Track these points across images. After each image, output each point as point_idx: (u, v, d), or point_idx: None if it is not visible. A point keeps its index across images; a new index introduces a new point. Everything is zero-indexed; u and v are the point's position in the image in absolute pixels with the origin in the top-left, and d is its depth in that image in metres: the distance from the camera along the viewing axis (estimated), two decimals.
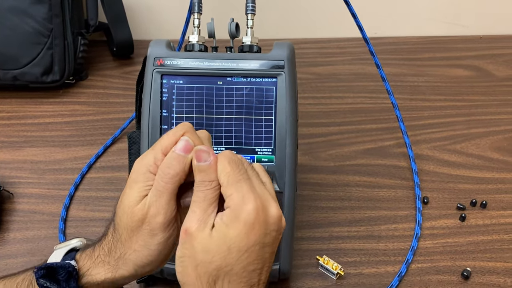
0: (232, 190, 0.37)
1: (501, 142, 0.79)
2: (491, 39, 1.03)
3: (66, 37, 0.87)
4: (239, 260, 0.37)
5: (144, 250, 0.41)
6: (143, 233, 0.40)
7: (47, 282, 0.41)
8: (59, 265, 0.42)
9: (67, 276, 0.41)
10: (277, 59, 0.56)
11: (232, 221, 0.37)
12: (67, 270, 0.41)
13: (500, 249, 0.63)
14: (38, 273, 0.41)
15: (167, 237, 0.40)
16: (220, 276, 0.37)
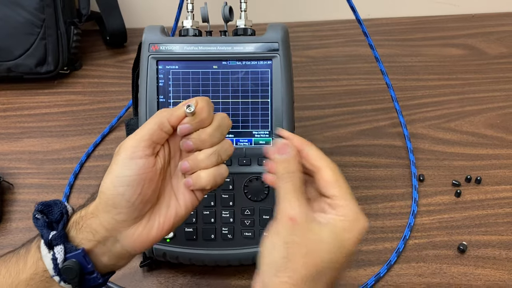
0: (346, 203, 0.40)
1: (495, 119, 0.80)
2: (483, 17, 1.03)
3: (58, 27, 0.87)
4: (344, 263, 0.39)
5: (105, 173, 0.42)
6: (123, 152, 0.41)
7: (38, 214, 0.42)
8: (55, 202, 0.43)
9: (59, 215, 0.42)
10: (272, 41, 0.57)
11: (348, 228, 0.39)
12: (59, 208, 0.43)
13: (494, 223, 0.65)
14: (37, 207, 0.43)
15: (127, 163, 0.41)
16: (325, 268, 0.38)
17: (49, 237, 0.41)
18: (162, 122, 0.42)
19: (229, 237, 0.58)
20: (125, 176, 0.41)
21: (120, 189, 0.41)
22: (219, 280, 0.60)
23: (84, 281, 0.42)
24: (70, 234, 0.42)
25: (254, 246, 0.58)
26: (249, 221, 0.58)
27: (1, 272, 0.42)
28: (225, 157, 0.45)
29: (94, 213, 0.42)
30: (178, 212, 0.44)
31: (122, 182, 0.41)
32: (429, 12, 1.05)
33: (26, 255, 0.42)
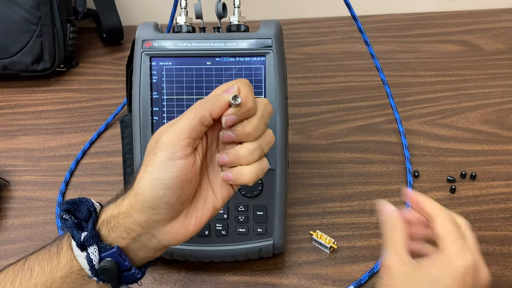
0: (449, 241, 0.40)
1: (490, 115, 0.80)
2: (480, 14, 1.03)
3: (55, 24, 0.87)
4: None
5: (141, 172, 0.39)
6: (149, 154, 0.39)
7: (66, 214, 0.40)
8: (81, 200, 0.41)
9: (87, 214, 0.40)
10: (265, 37, 0.57)
11: (442, 263, 0.39)
12: (87, 206, 0.40)
13: (489, 219, 0.65)
14: (62, 206, 0.41)
15: (166, 165, 0.38)
16: None
17: (81, 239, 0.39)
18: (204, 115, 0.39)
19: (223, 233, 0.58)
20: (164, 179, 0.38)
21: (159, 192, 0.38)
22: (213, 276, 0.60)
23: (123, 278, 0.41)
24: (101, 233, 0.40)
25: (248, 242, 0.58)
26: (243, 217, 0.58)
27: (35, 269, 0.41)
28: (267, 150, 0.42)
29: (128, 213, 0.40)
30: (215, 205, 0.42)
31: (161, 185, 0.38)
32: (426, 9, 1.04)
33: (59, 254, 0.41)
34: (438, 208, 0.43)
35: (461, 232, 0.42)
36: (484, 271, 0.41)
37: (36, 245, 0.64)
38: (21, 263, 0.42)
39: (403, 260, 0.41)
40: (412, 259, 0.41)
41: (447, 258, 0.39)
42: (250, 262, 0.61)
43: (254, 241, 0.58)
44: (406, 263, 0.41)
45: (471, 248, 0.41)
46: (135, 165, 0.59)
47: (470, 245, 0.42)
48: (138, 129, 0.58)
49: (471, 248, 0.41)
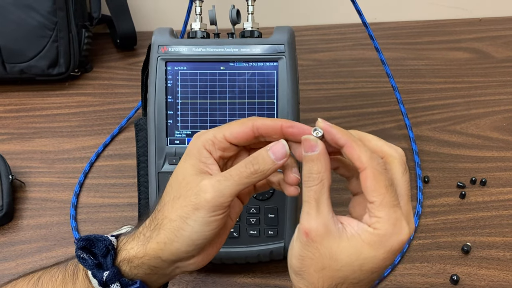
0: (382, 214, 0.35)
1: (501, 122, 0.80)
2: (491, 21, 1.03)
3: (70, 30, 0.89)
4: (367, 278, 0.36)
5: (179, 222, 0.38)
6: (186, 203, 0.38)
7: (84, 253, 0.40)
8: (97, 237, 0.40)
9: (105, 250, 0.39)
10: (278, 43, 0.58)
11: (375, 244, 0.35)
12: (104, 243, 0.40)
13: (499, 225, 0.65)
14: (78, 243, 0.40)
15: (208, 221, 0.38)
16: (344, 283, 0.36)
17: (103, 279, 0.39)
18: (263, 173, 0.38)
19: (235, 235, 0.59)
20: (205, 232, 0.38)
21: (198, 242, 0.38)
22: (224, 277, 0.61)
23: None
24: (122, 268, 0.40)
25: (259, 245, 0.59)
26: (254, 220, 0.58)
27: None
28: None
29: (156, 256, 0.39)
30: (230, 226, 0.42)
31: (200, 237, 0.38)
32: (436, 16, 1.05)
33: (74, 281, 0.40)
34: (369, 159, 0.35)
35: (395, 190, 0.36)
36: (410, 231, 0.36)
37: (50, 245, 0.65)
38: (34, 281, 0.42)
39: (329, 227, 0.35)
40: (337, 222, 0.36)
41: (381, 238, 0.35)
42: (261, 264, 0.62)
43: (265, 244, 0.59)
44: (331, 233, 0.35)
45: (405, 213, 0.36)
46: (149, 170, 0.60)
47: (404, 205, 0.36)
48: (153, 132, 0.59)
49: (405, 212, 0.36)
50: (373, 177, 0.35)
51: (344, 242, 0.35)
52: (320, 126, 0.37)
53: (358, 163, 0.36)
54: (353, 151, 0.36)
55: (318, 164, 0.36)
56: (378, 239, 0.35)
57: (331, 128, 0.37)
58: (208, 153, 0.40)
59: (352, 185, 0.40)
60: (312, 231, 0.35)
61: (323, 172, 0.36)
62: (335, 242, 0.35)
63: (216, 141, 0.40)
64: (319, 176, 0.36)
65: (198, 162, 0.39)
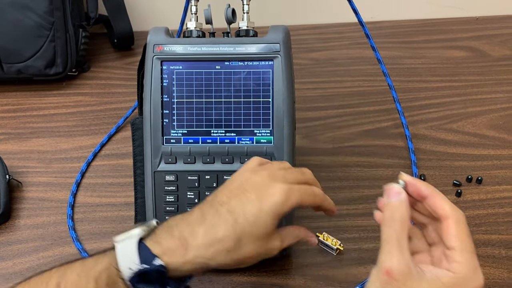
0: (463, 259, 0.38)
1: (497, 120, 0.80)
2: (488, 20, 1.03)
3: (67, 29, 0.89)
4: None
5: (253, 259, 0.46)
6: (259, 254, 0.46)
7: (145, 285, 0.42)
8: (151, 269, 0.42)
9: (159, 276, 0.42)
10: (273, 42, 0.58)
11: (454, 285, 0.37)
12: (160, 272, 0.42)
13: (495, 222, 0.65)
14: (134, 280, 0.42)
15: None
16: None
17: None
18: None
19: None
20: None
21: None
22: (220, 276, 0.61)
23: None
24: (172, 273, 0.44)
25: None
26: None
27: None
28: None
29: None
30: None
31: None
32: (433, 15, 1.05)
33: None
34: (451, 209, 0.39)
35: (472, 241, 0.39)
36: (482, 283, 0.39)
37: (47, 244, 0.66)
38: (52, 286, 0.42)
39: (410, 268, 0.37)
40: (416, 266, 0.38)
41: (460, 281, 0.37)
42: (257, 263, 0.62)
43: None
44: (412, 272, 0.37)
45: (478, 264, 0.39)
46: (145, 169, 0.60)
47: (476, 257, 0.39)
48: (148, 131, 0.59)
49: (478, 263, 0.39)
50: (456, 225, 0.39)
51: (424, 284, 0.37)
52: (404, 179, 0.42)
53: (442, 212, 0.39)
54: (437, 201, 0.40)
55: (402, 208, 0.40)
56: (459, 282, 0.37)
57: (415, 181, 0.42)
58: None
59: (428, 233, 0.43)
60: (394, 270, 0.37)
61: (405, 216, 0.39)
62: (416, 283, 0.37)
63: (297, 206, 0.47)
64: (401, 219, 0.39)
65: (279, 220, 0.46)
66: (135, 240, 0.43)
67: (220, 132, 0.59)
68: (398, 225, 0.39)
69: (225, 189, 0.46)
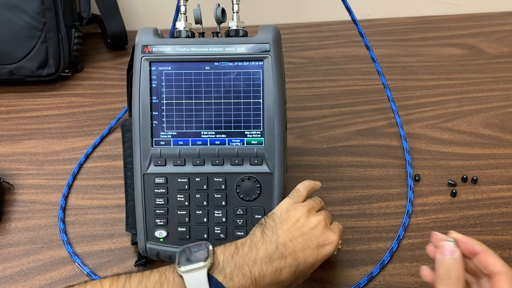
0: None
1: (493, 119, 0.79)
2: (484, 17, 1.02)
3: (59, 30, 0.88)
4: None
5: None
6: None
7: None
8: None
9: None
10: (263, 42, 0.57)
11: None
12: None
13: (490, 223, 0.64)
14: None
15: None
16: None
17: None
18: None
19: (222, 236, 0.58)
20: None
21: None
22: None
23: None
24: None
25: None
26: (241, 221, 0.58)
27: None
28: None
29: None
30: None
31: None
32: (430, 12, 1.04)
33: None
34: (503, 266, 0.41)
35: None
36: None
37: (38, 247, 0.65)
38: None
39: None
40: None
41: None
42: None
43: None
44: None
45: None
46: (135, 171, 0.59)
47: None
48: (137, 133, 0.58)
49: None
50: (508, 281, 0.40)
51: None
52: (454, 236, 0.44)
53: (493, 268, 0.41)
54: (489, 258, 0.42)
55: (457, 266, 0.41)
56: None
57: (467, 238, 0.43)
58: None
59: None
60: None
61: (461, 274, 0.41)
62: None
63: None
64: (457, 277, 0.41)
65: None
66: (205, 272, 0.46)
67: (210, 134, 0.58)
68: (454, 283, 0.40)
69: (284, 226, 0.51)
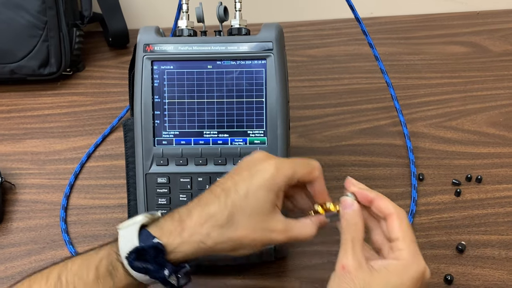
0: (405, 246, 0.43)
1: (497, 117, 0.79)
2: (489, 14, 1.02)
3: (61, 29, 0.88)
4: None
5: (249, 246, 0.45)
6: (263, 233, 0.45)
7: (142, 263, 0.43)
8: (149, 246, 0.43)
9: (155, 253, 0.43)
10: (266, 40, 0.57)
11: (400, 272, 0.42)
12: (157, 249, 0.43)
13: (495, 223, 0.64)
14: (130, 257, 0.43)
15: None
16: None
17: (165, 277, 0.43)
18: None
19: None
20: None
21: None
22: (215, 279, 0.60)
23: None
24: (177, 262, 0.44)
25: None
26: None
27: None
28: None
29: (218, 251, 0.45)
30: None
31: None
32: (433, 10, 1.04)
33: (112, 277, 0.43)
34: (394, 207, 0.44)
35: (413, 233, 0.44)
36: (428, 271, 0.43)
37: (40, 247, 0.65)
38: (54, 278, 0.43)
39: (361, 263, 0.42)
40: (367, 262, 0.43)
41: (404, 266, 0.42)
42: (252, 265, 0.61)
43: None
44: (363, 268, 0.42)
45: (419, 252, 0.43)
46: (137, 171, 0.59)
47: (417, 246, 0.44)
48: (139, 133, 0.58)
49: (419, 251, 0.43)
50: (399, 219, 0.44)
51: (374, 274, 0.42)
52: (351, 190, 0.47)
53: (387, 210, 0.44)
54: (382, 202, 0.45)
55: (355, 217, 0.45)
56: (402, 268, 0.42)
57: (361, 190, 0.46)
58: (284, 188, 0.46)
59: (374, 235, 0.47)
60: (348, 265, 0.42)
61: (359, 223, 0.44)
62: (367, 275, 0.42)
63: (293, 180, 0.46)
64: (355, 226, 0.44)
65: (277, 197, 0.46)
66: (137, 226, 0.45)
67: (213, 133, 0.58)
68: (353, 230, 0.44)
69: (225, 174, 0.48)
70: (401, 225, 0.43)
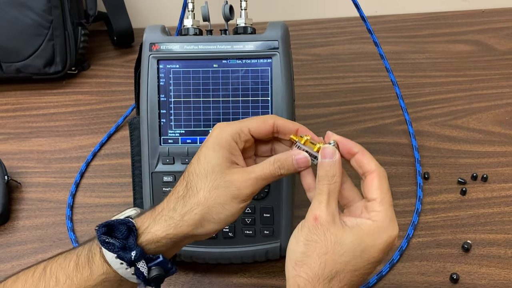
0: (382, 209, 0.41)
1: (503, 116, 0.79)
2: (493, 13, 1.01)
3: (66, 28, 0.88)
4: (364, 268, 0.41)
5: (218, 208, 0.43)
6: (225, 193, 0.43)
7: (109, 238, 0.42)
8: (119, 221, 0.43)
9: (127, 232, 0.42)
10: (271, 39, 0.57)
11: (374, 234, 0.41)
12: (127, 226, 0.43)
13: (500, 221, 0.64)
14: (100, 230, 0.42)
15: (242, 206, 0.44)
16: (343, 271, 0.40)
17: (131, 258, 0.42)
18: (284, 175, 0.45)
19: (230, 235, 0.58)
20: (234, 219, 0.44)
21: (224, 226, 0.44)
22: (220, 278, 0.60)
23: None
24: (147, 247, 0.43)
25: (255, 244, 0.58)
26: (250, 219, 0.58)
27: (61, 278, 0.43)
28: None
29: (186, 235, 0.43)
30: None
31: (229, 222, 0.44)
32: (438, 8, 1.03)
33: (90, 265, 0.43)
34: (376, 165, 0.43)
35: (391, 197, 0.42)
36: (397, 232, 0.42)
37: (46, 245, 0.65)
38: (39, 272, 0.43)
39: (335, 218, 0.41)
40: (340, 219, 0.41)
41: (379, 228, 0.40)
42: (257, 264, 0.61)
43: (261, 243, 0.58)
44: (336, 222, 0.41)
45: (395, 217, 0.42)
46: (143, 170, 0.59)
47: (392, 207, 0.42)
48: (145, 132, 0.58)
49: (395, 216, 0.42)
50: (379, 179, 0.42)
51: (347, 230, 0.40)
52: (335, 138, 0.45)
53: (368, 167, 0.43)
54: (364, 158, 0.44)
55: (335, 168, 0.43)
56: (377, 230, 0.41)
57: (346, 140, 0.45)
58: (236, 145, 0.45)
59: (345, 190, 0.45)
60: (321, 217, 0.41)
61: (338, 174, 0.43)
62: (340, 230, 0.40)
63: (242, 135, 0.45)
64: (334, 177, 0.42)
65: (229, 154, 0.44)
66: (124, 216, 0.45)
67: None
68: (331, 180, 0.42)
69: None
70: (381, 185, 0.42)
